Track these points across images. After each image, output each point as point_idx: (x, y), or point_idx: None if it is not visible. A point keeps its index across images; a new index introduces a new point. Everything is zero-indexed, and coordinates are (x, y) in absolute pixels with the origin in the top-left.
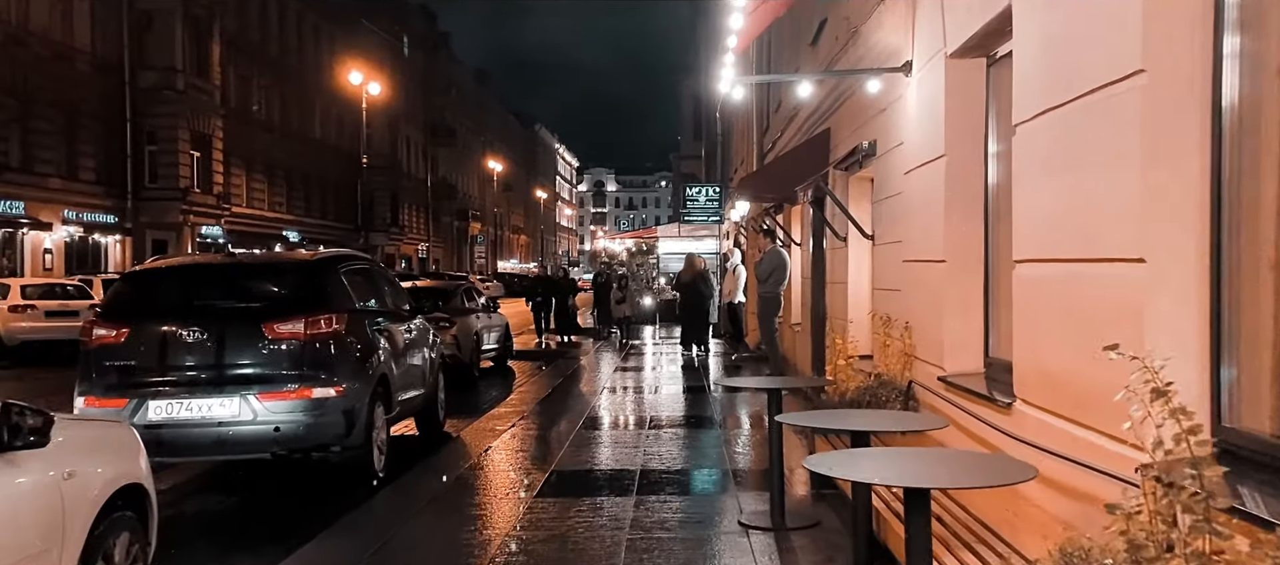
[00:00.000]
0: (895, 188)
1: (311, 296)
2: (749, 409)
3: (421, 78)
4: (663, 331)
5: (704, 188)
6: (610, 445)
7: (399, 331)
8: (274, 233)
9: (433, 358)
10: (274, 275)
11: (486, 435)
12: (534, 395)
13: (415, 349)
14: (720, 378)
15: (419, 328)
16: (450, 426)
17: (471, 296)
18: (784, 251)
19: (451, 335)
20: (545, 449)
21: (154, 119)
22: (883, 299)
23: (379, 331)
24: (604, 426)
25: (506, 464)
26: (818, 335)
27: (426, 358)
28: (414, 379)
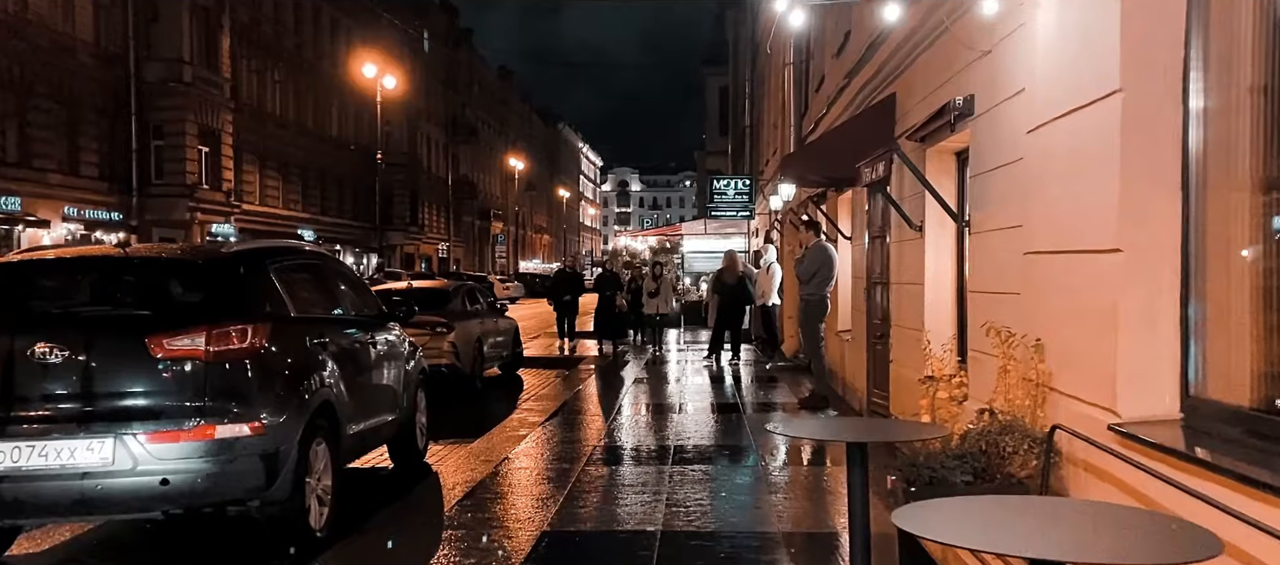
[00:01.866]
0: (1009, 153)
1: (221, 301)
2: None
3: (442, 74)
4: (688, 335)
5: (733, 179)
6: (623, 490)
7: (357, 345)
8: (288, 231)
9: (411, 373)
10: (173, 273)
11: (473, 468)
12: (540, 412)
13: (383, 365)
14: (763, 405)
15: (389, 339)
16: (434, 454)
17: (475, 298)
18: (830, 247)
19: (449, 342)
20: (541, 496)
21: (160, 112)
22: (987, 305)
23: (323, 346)
24: (617, 461)
25: (487, 519)
26: (875, 346)
27: (400, 375)
28: (380, 402)
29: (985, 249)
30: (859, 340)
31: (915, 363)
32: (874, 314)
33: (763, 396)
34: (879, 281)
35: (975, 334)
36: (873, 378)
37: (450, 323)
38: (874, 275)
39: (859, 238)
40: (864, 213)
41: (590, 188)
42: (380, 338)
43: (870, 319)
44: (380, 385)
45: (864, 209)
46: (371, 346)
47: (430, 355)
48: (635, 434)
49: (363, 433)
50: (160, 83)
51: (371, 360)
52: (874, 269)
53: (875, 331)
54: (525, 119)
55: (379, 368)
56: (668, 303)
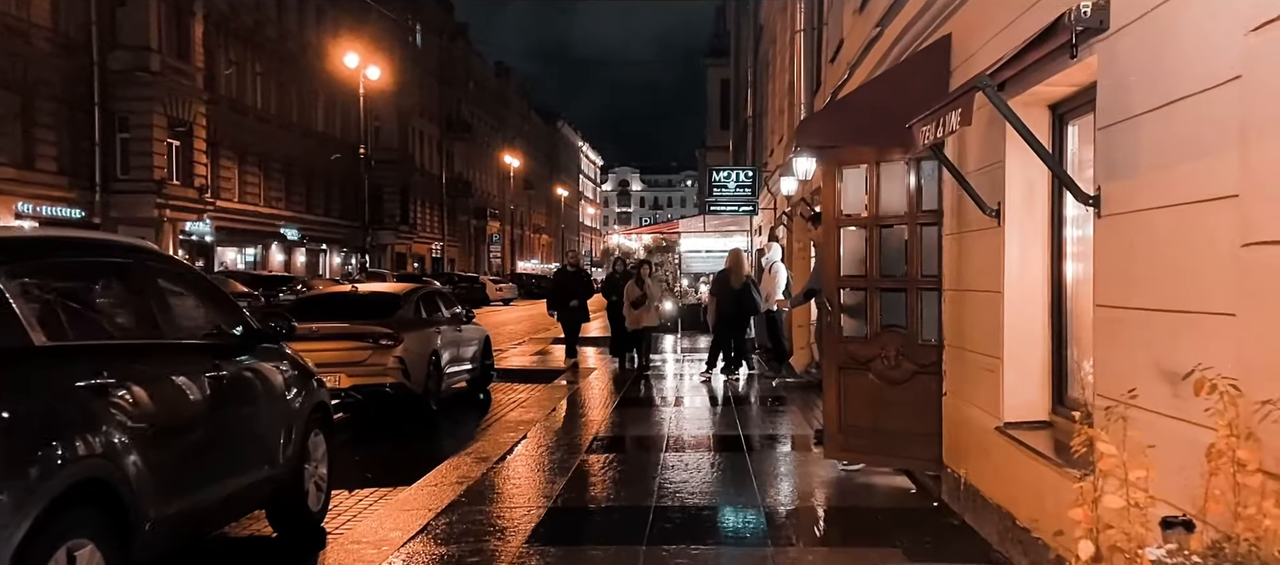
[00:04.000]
0: (1198, 75)
1: None
2: (808, 484)
3: (436, 69)
4: (685, 342)
5: (734, 171)
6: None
7: (188, 381)
8: (269, 230)
9: (297, 409)
10: None
11: (395, 528)
12: (499, 445)
13: (241, 405)
14: (769, 438)
15: (256, 368)
16: (345, 511)
17: (434, 304)
18: None
19: (395, 357)
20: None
21: (126, 103)
22: (1135, 330)
23: (101, 392)
24: (585, 526)
25: None
26: (922, 371)
27: (276, 414)
28: (235, 458)
29: (1130, 239)
30: None
31: (986, 401)
32: (915, 326)
33: (769, 426)
34: (921, 285)
35: (1108, 373)
36: (922, 415)
37: (397, 333)
38: (917, 277)
39: (907, 227)
40: (868, 190)
41: (590, 187)
42: (238, 367)
43: (866, 327)
44: (234, 434)
45: (867, 185)
46: (219, 380)
47: (371, 373)
48: (610, 481)
49: (195, 510)
50: (126, 72)
51: (217, 400)
52: (915, 270)
53: (924, 353)
54: (523, 116)
55: (233, 409)
56: (656, 314)
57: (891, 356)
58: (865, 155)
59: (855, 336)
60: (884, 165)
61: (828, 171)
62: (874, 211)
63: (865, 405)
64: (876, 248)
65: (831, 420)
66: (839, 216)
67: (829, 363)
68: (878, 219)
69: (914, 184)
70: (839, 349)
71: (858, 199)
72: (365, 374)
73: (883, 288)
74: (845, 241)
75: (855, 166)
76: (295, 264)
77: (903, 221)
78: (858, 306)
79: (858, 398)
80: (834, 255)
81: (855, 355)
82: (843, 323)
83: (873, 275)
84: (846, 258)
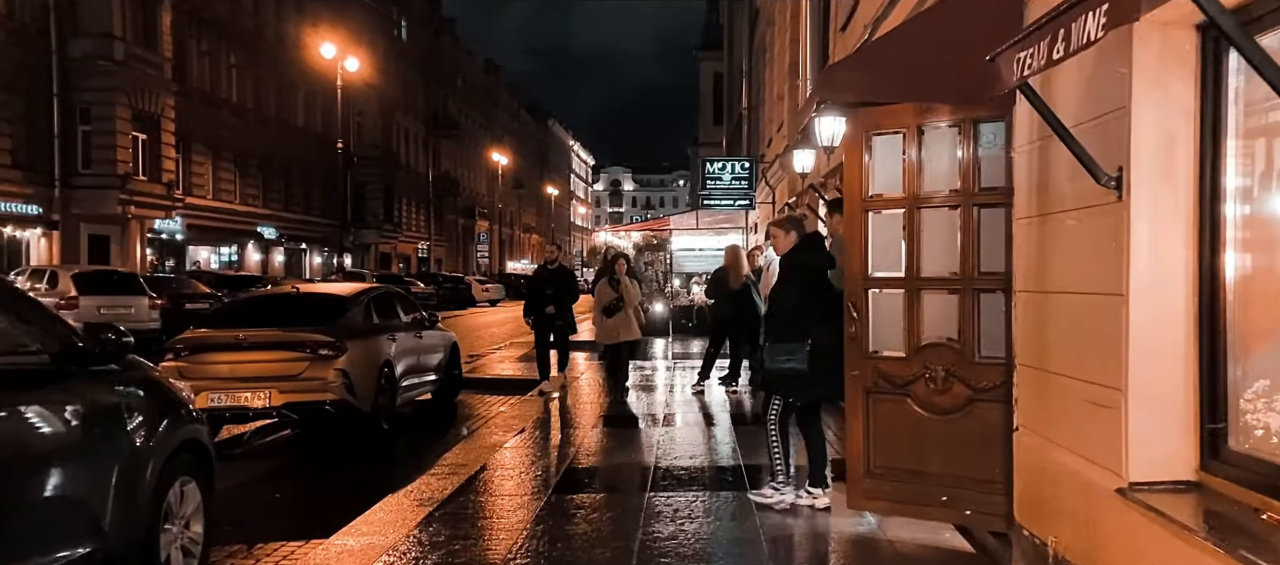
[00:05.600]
0: None
1: None
2: (830, 543)
3: (421, 65)
4: (677, 346)
5: (730, 162)
6: None
7: None
8: (246, 228)
9: (139, 454)
10: None
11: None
12: (449, 480)
13: (23, 461)
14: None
15: (65, 401)
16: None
17: (391, 307)
18: None
19: (335, 369)
20: None
21: (87, 93)
22: None
23: None
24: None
25: None
26: (981, 397)
27: (95, 469)
28: (11, 543)
29: None
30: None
31: (1093, 446)
32: (961, 332)
33: None
34: (951, 285)
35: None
36: (985, 457)
37: (339, 342)
38: (920, 272)
39: (964, 212)
40: (907, 162)
41: (582, 187)
42: (37, 402)
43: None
44: (22, 499)
45: (906, 156)
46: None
47: (308, 388)
48: (579, 538)
49: None
50: (87, 60)
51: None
52: (928, 259)
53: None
54: (513, 115)
55: (21, 462)
56: (630, 324)
57: (938, 378)
58: (902, 117)
59: (889, 351)
60: (929, 131)
61: (853, 140)
62: (914, 189)
63: (902, 440)
64: (917, 237)
65: (856, 459)
66: (866, 197)
67: (853, 386)
68: (918, 199)
69: (968, 154)
70: (867, 367)
71: (892, 175)
72: (300, 390)
73: (926, 288)
74: (874, 230)
75: (890, 132)
76: (273, 264)
77: (953, 202)
78: (891, 313)
79: (892, 430)
80: (860, 247)
81: (889, 376)
82: (871, 334)
83: (913, 272)
84: (877, 250)
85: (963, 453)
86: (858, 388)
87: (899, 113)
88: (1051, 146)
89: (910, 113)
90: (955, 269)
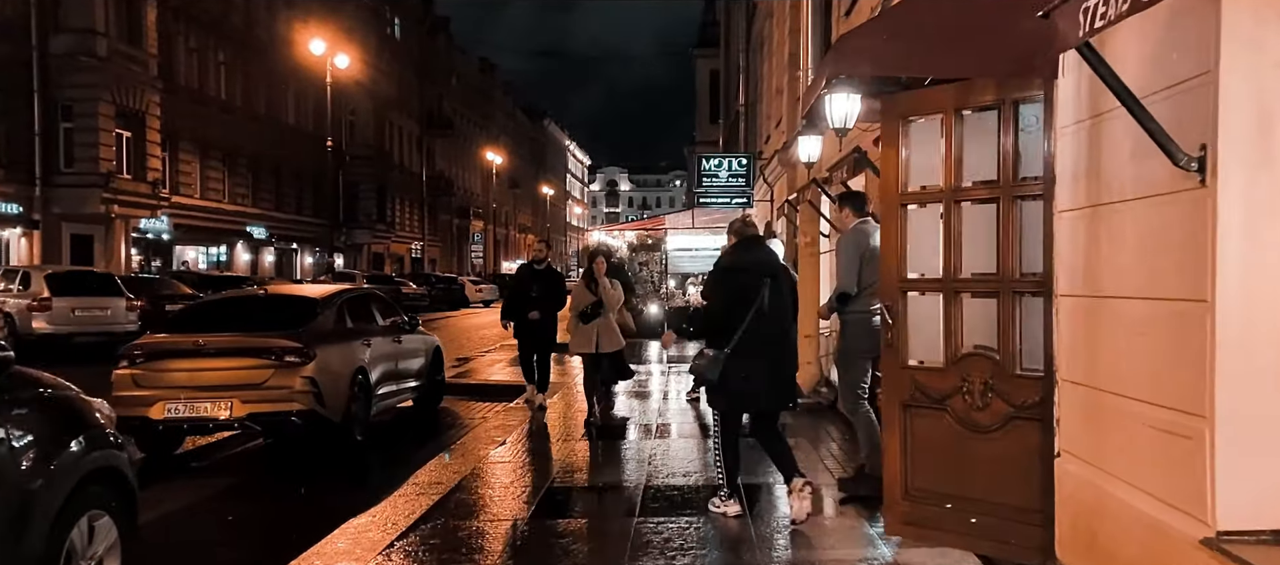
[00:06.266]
0: None
1: None
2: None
3: (416, 64)
4: (672, 349)
5: (726, 158)
6: None
7: None
8: (235, 228)
9: (27, 490)
10: None
11: None
12: (418, 501)
13: None
14: (772, 490)
15: None
16: None
17: (367, 310)
18: (875, 230)
19: (302, 377)
20: None
21: (70, 90)
22: None
23: None
24: None
25: None
26: (1021, 415)
27: None
28: None
29: None
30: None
31: (1162, 483)
32: (994, 346)
33: (774, 468)
34: (989, 286)
35: None
36: (1015, 483)
37: (308, 347)
38: (959, 272)
39: (1014, 205)
40: (946, 149)
41: (578, 187)
42: None
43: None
44: None
45: (944, 143)
46: None
47: (272, 398)
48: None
49: None
50: (69, 56)
51: None
52: (968, 258)
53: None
54: (509, 114)
55: None
56: (611, 332)
57: (975, 391)
58: (939, 99)
59: (926, 361)
60: (968, 115)
61: (889, 124)
62: (953, 180)
63: (941, 460)
64: (956, 233)
65: (893, 480)
66: (903, 189)
67: (890, 398)
68: (957, 192)
69: (1009, 141)
70: (903, 379)
71: (930, 163)
72: (264, 399)
73: (965, 290)
74: (912, 226)
75: (927, 115)
76: (263, 264)
77: (991, 195)
78: (928, 318)
79: (930, 449)
80: (896, 245)
81: (926, 388)
82: (909, 341)
83: (951, 272)
84: (913, 248)
85: (1001, 476)
86: (894, 401)
87: (935, 95)
88: (1106, 125)
89: (948, 95)
90: (994, 269)
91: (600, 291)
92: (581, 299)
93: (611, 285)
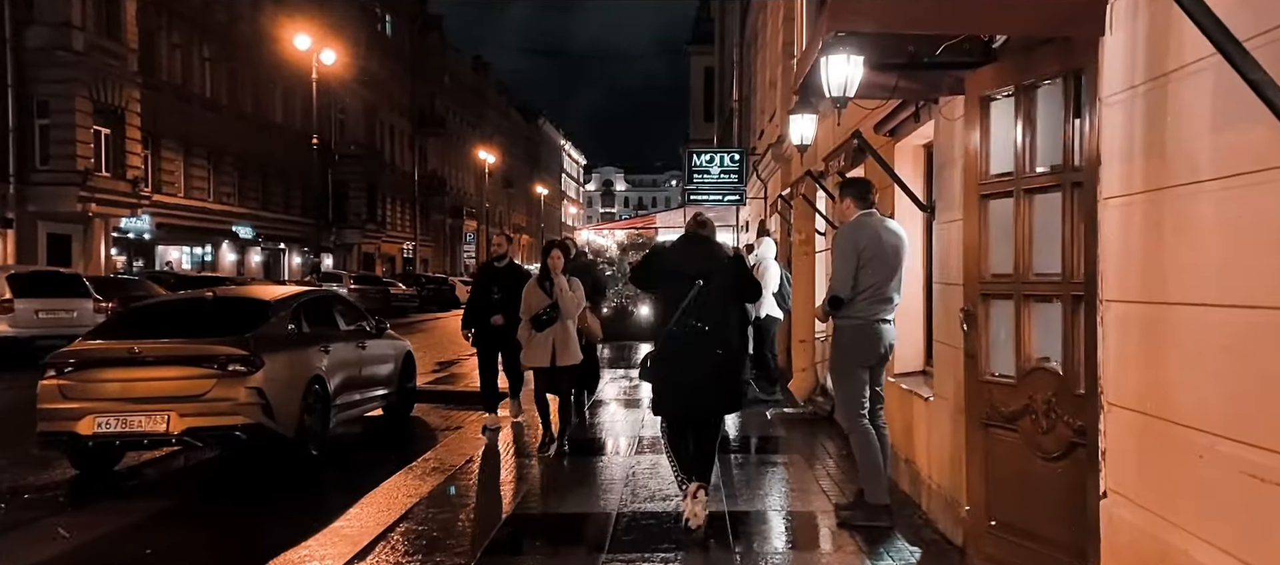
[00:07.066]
0: None
1: None
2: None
3: (408, 62)
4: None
5: (718, 154)
6: None
7: None
8: (220, 227)
9: None
10: None
11: None
12: (363, 527)
13: None
14: (759, 517)
15: None
16: None
17: (325, 313)
18: (878, 223)
19: (248, 388)
20: None
21: (45, 85)
22: None
23: None
24: None
25: None
26: (1084, 442)
27: None
28: None
29: None
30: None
31: (1253, 543)
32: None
33: (768, 493)
34: (1052, 290)
35: None
36: (1056, 516)
37: (255, 355)
38: (1026, 273)
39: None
40: (1017, 132)
41: (573, 186)
42: None
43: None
44: None
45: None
46: None
47: (214, 410)
48: None
49: None
50: (44, 50)
51: None
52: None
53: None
54: (503, 113)
55: None
56: (569, 342)
57: (1040, 412)
58: (1007, 74)
59: (1001, 374)
60: (1037, 89)
61: (970, 102)
62: (1024, 166)
63: (1014, 488)
64: (1028, 229)
65: (978, 510)
66: (984, 178)
67: (972, 415)
68: (1024, 180)
69: (1076, 120)
70: (981, 394)
71: (1005, 149)
72: (205, 412)
73: (1033, 294)
74: (992, 221)
75: (1003, 92)
76: (250, 264)
77: (1053, 183)
78: (1000, 325)
79: (1005, 474)
80: (978, 241)
81: (1000, 406)
82: (990, 352)
83: (1022, 273)
84: (990, 245)
85: (1062, 512)
86: (975, 420)
87: (1009, 69)
88: (1173, 88)
89: (1017, 68)
90: (1057, 269)
91: (556, 293)
92: (534, 301)
93: (571, 285)
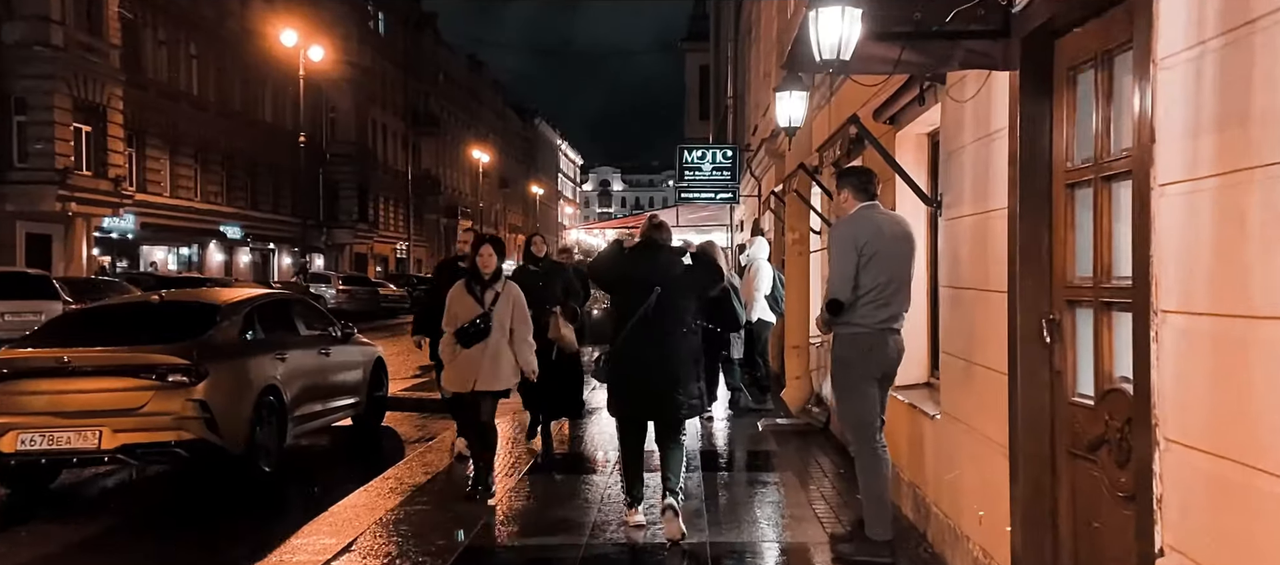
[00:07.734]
0: None
1: None
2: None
3: (401, 60)
4: None
5: (710, 151)
6: None
7: None
8: (207, 227)
9: None
10: None
11: None
12: (306, 559)
13: None
14: (751, 552)
15: None
16: None
17: (283, 318)
18: (882, 217)
19: (190, 401)
20: None
21: (23, 81)
22: None
23: None
24: None
25: None
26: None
27: None
28: None
29: None
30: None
31: None
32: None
33: (758, 519)
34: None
35: None
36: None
37: (197, 364)
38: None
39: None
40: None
41: (570, 186)
42: None
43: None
44: None
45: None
46: None
47: (152, 425)
48: None
49: None
50: (22, 46)
51: None
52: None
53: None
54: (498, 113)
55: None
56: (498, 362)
57: (1115, 440)
58: (1089, 40)
59: (1081, 394)
60: (1117, 62)
61: (1043, 81)
62: (1102, 152)
63: (1101, 532)
64: (1108, 226)
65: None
66: (1069, 167)
67: (1059, 442)
68: (1102, 164)
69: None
70: (1067, 418)
71: (1086, 133)
72: (141, 427)
73: (1112, 302)
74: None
75: (1086, 64)
76: (238, 265)
77: (1126, 170)
78: (1088, 340)
79: (1087, 509)
80: (1062, 239)
81: (1081, 433)
82: (1076, 369)
83: (1099, 277)
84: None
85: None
86: (1062, 446)
87: (1094, 35)
88: (1262, 40)
89: (1101, 33)
90: (1127, 272)
91: (486, 301)
92: (460, 310)
93: (503, 291)
